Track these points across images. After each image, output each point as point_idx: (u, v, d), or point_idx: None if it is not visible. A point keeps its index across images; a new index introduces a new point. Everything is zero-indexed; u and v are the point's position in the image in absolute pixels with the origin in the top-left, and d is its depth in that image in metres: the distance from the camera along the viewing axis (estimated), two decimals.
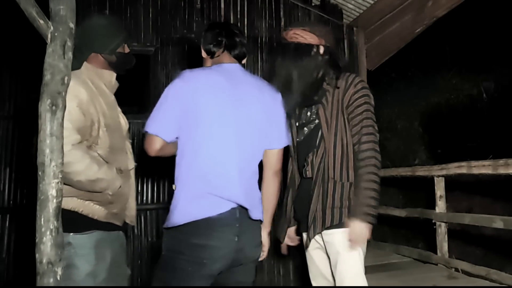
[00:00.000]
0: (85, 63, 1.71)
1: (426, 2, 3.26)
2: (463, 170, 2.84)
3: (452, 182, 3.53)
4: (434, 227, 3.21)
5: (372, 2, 3.96)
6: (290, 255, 4.05)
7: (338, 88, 1.65)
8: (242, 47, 1.62)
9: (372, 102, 1.65)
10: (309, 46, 1.68)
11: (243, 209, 1.44)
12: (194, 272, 1.37)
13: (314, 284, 1.77)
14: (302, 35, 1.70)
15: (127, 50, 1.80)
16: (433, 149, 5.81)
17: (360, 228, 1.54)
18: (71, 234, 1.60)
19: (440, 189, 3.19)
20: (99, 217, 1.66)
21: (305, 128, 1.73)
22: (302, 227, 1.75)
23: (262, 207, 1.54)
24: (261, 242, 1.55)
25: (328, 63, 1.69)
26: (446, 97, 6.07)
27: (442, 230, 3.16)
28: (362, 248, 1.60)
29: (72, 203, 1.63)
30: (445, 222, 3.15)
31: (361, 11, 4.17)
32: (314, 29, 1.71)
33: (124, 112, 1.87)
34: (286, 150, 1.66)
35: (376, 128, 1.62)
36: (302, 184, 1.75)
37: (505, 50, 5.35)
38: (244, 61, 1.66)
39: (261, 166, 1.62)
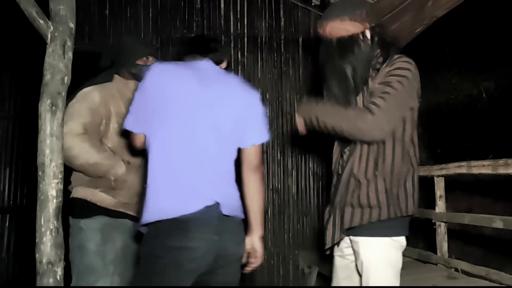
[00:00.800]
0: (115, 75, 2.02)
1: (426, 2, 3.26)
2: (463, 170, 2.83)
3: (452, 182, 3.53)
4: (434, 227, 3.21)
5: (372, 2, 3.96)
6: (290, 255, 4.07)
7: (379, 71, 1.46)
8: (216, 51, 1.58)
9: (405, 82, 1.39)
10: (355, 37, 1.47)
11: (218, 205, 1.38)
12: (174, 275, 1.33)
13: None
14: (343, 27, 1.47)
15: (149, 62, 2.03)
16: (433, 149, 5.81)
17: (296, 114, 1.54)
18: (82, 219, 1.84)
19: (440, 189, 3.19)
20: (107, 205, 1.87)
21: None
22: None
23: (239, 206, 1.48)
24: (243, 239, 1.49)
25: (378, 44, 1.49)
26: (446, 97, 6.07)
27: (442, 230, 3.16)
28: (392, 258, 1.44)
29: (82, 192, 1.87)
30: (445, 222, 3.15)
31: None
32: (355, 15, 1.46)
33: None
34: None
35: (397, 99, 1.37)
36: (335, 180, 1.58)
37: (505, 50, 5.35)
38: (222, 66, 1.61)
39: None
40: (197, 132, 1.41)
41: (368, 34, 1.48)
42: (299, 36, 4.32)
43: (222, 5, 4.21)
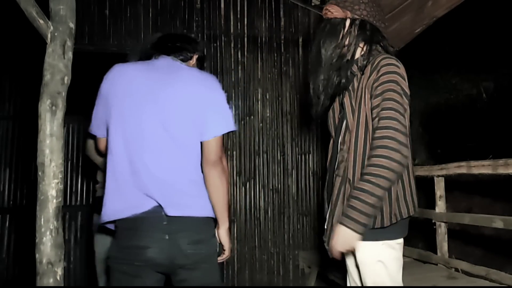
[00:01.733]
0: None
1: (426, 2, 3.26)
2: (463, 170, 2.83)
3: (452, 182, 3.53)
4: (434, 227, 3.21)
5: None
6: (290, 255, 4.06)
7: (363, 74, 1.46)
8: (183, 50, 1.57)
9: (399, 89, 1.36)
10: (334, 22, 1.51)
11: (162, 207, 1.38)
12: (133, 276, 1.35)
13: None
14: (330, 9, 1.52)
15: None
16: (433, 149, 5.81)
17: (339, 233, 1.34)
18: (95, 214, 1.93)
19: (440, 189, 3.19)
20: None
21: (338, 116, 1.58)
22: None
23: (201, 205, 1.44)
24: (206, 238, 1.44)
25: (360, 40, 1.50)
26: (446, 97, 6.06)
27: (442, 230, 3.16)
28: (386, 259, 1.43)
29: None
30: (445, 222, 3.15)
31: None
32: (339, 1, 1.51)
33: None
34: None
35: (402, 121, 1.33)
36: (329, 179, 1.57)
37: (505, 50, 5.35)
38: (190, 62, 1.60)
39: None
40: (144, 131, 1.39)
41: (346, 23, 1.50)
42: (299, 36, 4.32)
43: (222, 5, 4.20)
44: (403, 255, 1.55)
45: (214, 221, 1.51)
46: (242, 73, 4.17)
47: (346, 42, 1.50)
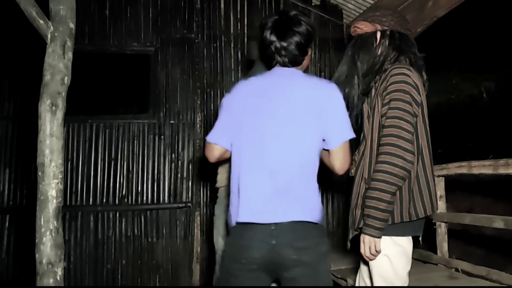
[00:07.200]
0: None
1: (426, 2, 3.26)
2: (464, 170, 2.83)
3: (452, 182, 3.52)
4: (434, 227, 3.21)
5: (372, 2, 3.95)
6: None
7: (378, 81, 1.56)
8: (296, 62, 1.53)
9: (407, 97, 1.45)
10: (365, 36, 1.60)
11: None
12: (238, 271, 1.42)
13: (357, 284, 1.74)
14: (358, 26, 1.62)
15: None
16: (433, 149, 5.81)
17: (363, 241, 1.47)
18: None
19: (440, 189, 3.18)
20: None
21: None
22: None
23: (303, 208, 1.41)
24: (310, 246, 1.39)
25: (391, 49, 1.58)
26: (447, 97, 6.06)
27: (442, 230, 3.15)
28: (392, 254, 1.50)
29: None
30: (445, 222, 3.15)
31: (361, 11, 4.17)
32: (367, 16, 1.62)
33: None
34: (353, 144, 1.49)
35: (406, 128, 1.42)
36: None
37: (506, 50, 5.34)
38: (300, 67, 1.58)
39: None
40: (264, 143, 1.44)
41: (378, 35, 1.59)
42: None
43: (222, 5, 4.20)
44: None
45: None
46: (242, 73, 4.16)
47: (379, 53, 1.58)
